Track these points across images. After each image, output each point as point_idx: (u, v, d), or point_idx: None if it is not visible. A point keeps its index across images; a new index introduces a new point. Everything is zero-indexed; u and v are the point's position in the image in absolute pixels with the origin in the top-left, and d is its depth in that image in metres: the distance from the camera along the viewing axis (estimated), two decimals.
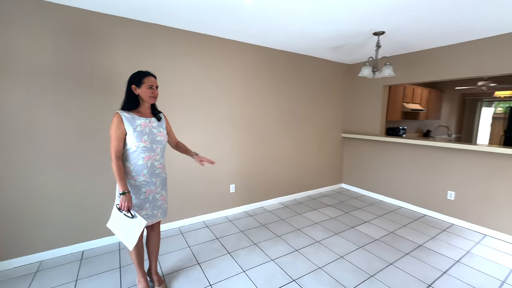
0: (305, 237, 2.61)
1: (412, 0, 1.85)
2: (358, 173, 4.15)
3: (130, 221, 1.46)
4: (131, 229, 1.46)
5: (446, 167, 3.05)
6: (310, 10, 2.05)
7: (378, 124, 3.81)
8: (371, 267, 2.12)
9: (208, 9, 2.07)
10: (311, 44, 3.04)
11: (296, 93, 3.57)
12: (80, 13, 2.09)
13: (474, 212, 2.83)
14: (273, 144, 3.45)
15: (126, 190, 1.45)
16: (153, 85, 1.59)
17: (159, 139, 1.63)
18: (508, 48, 2.49)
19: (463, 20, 2.21)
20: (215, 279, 1.95)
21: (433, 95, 5.64)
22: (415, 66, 3.26)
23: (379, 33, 2.54)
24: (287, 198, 3.73)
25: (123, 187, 1.45)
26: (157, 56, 2.46)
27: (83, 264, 2.11)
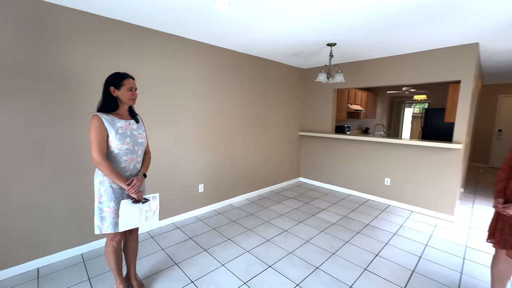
0: (274, 228, 2.84)
1: (356, 22, 2.23)
2: (313, 167, 4.61)
3: (146, 205, 1.55)
4: (149, 210, 1.56)
5: (382, 158, 3.67)
6: (276, 22, 2.26)
7: (330, 123, 4.32)
8: (332, 246, 2.47)
9: (183, 13, 2.09)
10: (273, 50, 3.29)
11: (258, 94, 3.79)
12: (45, 5, 1.87)
13: (404, 194, 3.50)
14: (237, 143, 3.59)
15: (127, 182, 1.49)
16: (133, 87, 1.57)
17: (141, 141, 1.62)
18: (419, 63, 3.16)
19: (393, 40, 2.73)
20: (196, 275, 2.01)
21: (370, 98, 6.57)
22: (359, 73, 3.81)
23: (332, 44, 2.93)
24: (253, 194, 3.93)
25: (122, 180, 1.47)
26: (125, 55, 2.35)
27: (41, 282, 1.91)
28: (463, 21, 2.19)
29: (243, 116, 3.62)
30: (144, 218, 1.57)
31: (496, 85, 6.03)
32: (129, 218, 1.51)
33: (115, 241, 1.58)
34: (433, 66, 3.10)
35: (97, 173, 1.50)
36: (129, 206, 1.51)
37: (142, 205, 1.56)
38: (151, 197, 1.61)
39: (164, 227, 2.84)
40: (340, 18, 2.18)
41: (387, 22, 2.24)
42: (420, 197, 3.35)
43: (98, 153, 1.41)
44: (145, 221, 1.58)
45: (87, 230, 2.31)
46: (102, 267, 2.09)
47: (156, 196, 1.62)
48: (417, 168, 3.34)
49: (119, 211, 1.47)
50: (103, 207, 1.48)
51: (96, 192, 1.49)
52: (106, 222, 1.49)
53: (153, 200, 1.61)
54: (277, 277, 2.00)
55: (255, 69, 3.66)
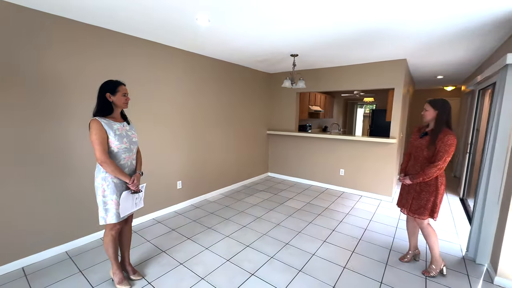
0: (248, 216, 3.22)
1: (314, 41, 2.71)
2: (280, 162, 5.11)
3: (138, 194, 1.82)
4: (138, 198, 1.86)
5: (338, 152, 4.31)
6: (248, 36, 2.62)
7: (293, 122, 4.84)
8: (298, 227, 2.94)
9: (167, 26, 2.32)
10: (245, 57, 3.64)
11: (230, 96, 4.11)
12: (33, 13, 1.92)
13: (355, 182, 4.17)
14: (211, 142, 3.87)
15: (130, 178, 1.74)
16: (126, 92, 1.78)
17: (135, 140, 1.84)
18: (364, 73, 3.84)
19: (344, 54, 3.31)
20: (184, 259, 2.28)
21: (328, 100, 7.35)
22: (318, 79, 4.39)
23: (295, 55, 3.40)
24: (227, 189, 4.24)
25: (127, 177, 1.70)
26: (106, 57, 2.46)
27: (30, 279, 1.98)
28: (394, 43, 2.82)
29: (217, 117, 3.90)
30: (134, 204, 1.84)
31: (426, 90, 7.29)
32: (126, 206, 1.75)
33: (114, 230, 1.78)
34: (374, 75, 3.79)
35: (99, 171, 1.69)
36: (128, 196, 1.74)
37: (134, 196, 1.81)
38: (143, 187, 1.87)
39: (145, 222, 3.01)
40: (301, 37, 2.63)
41: (338, 42, 2.77)
42: (367, 183, 4.04)
43: (102, 153, 1.61)
44: (136, 207, 1.86)
45: (70, 228, 2.40)
46: (91, 261, 2.22)
47: (144, 185, 1.91)
48: (364, 160, 4.03)
49: (120, 200, 1.69)
50: (107, 200, 1.68)
51: (98, 188, 1.68)
52: (110, 213, 1.69)
53: (142, 189, 1.89)
54: (255, 253, 2.38)
55: (228, 73, 3.97)
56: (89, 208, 2.48)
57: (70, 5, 1.95)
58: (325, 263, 2.24)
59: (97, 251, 2.37)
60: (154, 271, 2.10)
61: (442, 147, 1.84)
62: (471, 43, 2.77)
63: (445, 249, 2.50)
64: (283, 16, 2.09)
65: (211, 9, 2.00)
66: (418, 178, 1.93)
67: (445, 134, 1.86)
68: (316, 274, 2.08)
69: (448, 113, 1.91)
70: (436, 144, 1.87)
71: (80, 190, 2.42)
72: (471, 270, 2.18)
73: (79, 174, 2.40)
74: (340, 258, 2.33)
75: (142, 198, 1.90)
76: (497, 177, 2.13)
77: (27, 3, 1.93)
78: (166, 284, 1.94)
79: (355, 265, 2.22)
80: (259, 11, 2.00)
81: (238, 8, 1.96)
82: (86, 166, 2.42)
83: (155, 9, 2.01)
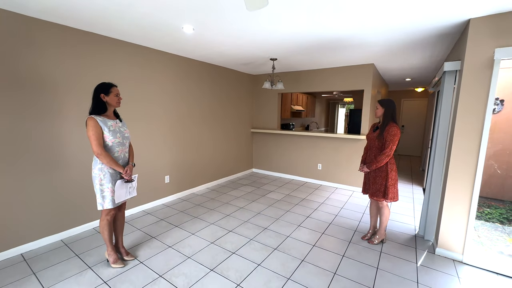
0: (232, 207, 3.50)
1: (290, 45, 3.03)
2: (263, 159, 5.42)
3: (131, 184, 2.05)
4: (131, 187, 2.07)
5: (317, 148, 4.67)
6: (231, 42, 2.90)
7: (276, 121, 5.17)
8: (277, 214, 3.26)
9: (156, 32, 2.56)
10: (229, 60, 3.92)
11: (216, 97, 4.37)
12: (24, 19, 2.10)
13: (331, 175, 4.55)
14: (198, 139, 4.13)
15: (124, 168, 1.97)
16: (118, 93, 2.02)
17: (127, 135, 2.08)
18: (338, 75, 4.22)
19: (319, 58, 3.66)
20: (172, 242, 2.53)
21: (309, 100, 7.75)
22: (297, 80, 4.73)
23: (274, 59, 3.71)
24: (212, 183, 4.51)
25: (120, 168, 1.94)
26: (100, 61, 2.67)
27: (30, 263, 2.18)
28: (362, 49, 3.18)
29: (203, 116, 4.16)
30: (128, 193, 2.07)
31: (399, 91, 7.85)
32: (121, 194, 1.99)
33: (109, 215, 2.01)
34: (346, 78, 4.18)
35: (95, 162, 1.92)
36: (122, 185, 1.98)
37: (127, 184, 2.04)
38: (135, 177, 2.11)
39: (135, 213, 3.22)
40: (279, 44, 2.95)
41: (313, 47, 3.10)
42: (342, 176, 4.43)
43: (98, 146, 1.84)
44: (129, 195, 2.08)
45: (66, 218, 2.59)
46: (86, 246, 2.43)
47: (136, 176, 2.15)
48: (339, 155, 4.41)
49: (115, 188, 1.93)
50: (104, 188, 1.91)
51: (96, 178, 1.91)
52: (107, 199, 1.93)
53: (134, 179, 2.13)
54: (236, 236, 2.67)
55: (213, 75, 4.23)
56: (82, 200, 2.68)
57: (69, 14, 2.15)
58: (298, 243, 2.56)
59: (91, 238, 2.58)
60: (145, 253, 2.35)
61: (388, 137, 2.21)
62: (424, 51, 3.19)
63: (402, 229, 2.90)
64: (255, 26, 2.39)
65: (193, 20, 2.26)
66: (372, 166, 2.30)
67: (390, 126, 2.23)
68: (289, 252, 2.40)
69: (393, 109, 2.28)
70: (384, 135, 2.24)
71: (73, 182, 2.61)
72: (419, 244, 2.58)
73: (72, 168, 2.59)
74: (311, 238, 2.66)
75: (135, 188, 2.14)
76: (439, 167, 2.54)
77: (26, 12, 2.12)
78: (157, 263, 2.20)
79: (323, 244, 2.56)
80: (233, 23, 2.29)
81: (216, 19, 2.24)
82: (79, 160, 2.62)
83: (146, 20, 2.25)
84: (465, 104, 2.15)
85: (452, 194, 2.27)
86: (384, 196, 2.35)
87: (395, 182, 2.35)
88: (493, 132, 3.55)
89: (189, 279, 1.99)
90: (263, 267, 2.16)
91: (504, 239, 2.79)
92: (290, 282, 1.97)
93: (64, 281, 1.95)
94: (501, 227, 3.10)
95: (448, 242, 2.34)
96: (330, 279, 2.02)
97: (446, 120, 2.46)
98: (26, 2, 1.93)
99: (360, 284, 1.97)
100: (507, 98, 3.61)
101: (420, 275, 2.09)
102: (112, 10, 2.08)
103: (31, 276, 2.00)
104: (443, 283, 2.00)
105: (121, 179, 1.99)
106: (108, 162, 1.88)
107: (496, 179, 3.55)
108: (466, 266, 2.23)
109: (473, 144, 2.14)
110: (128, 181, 2.03)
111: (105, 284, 1.92)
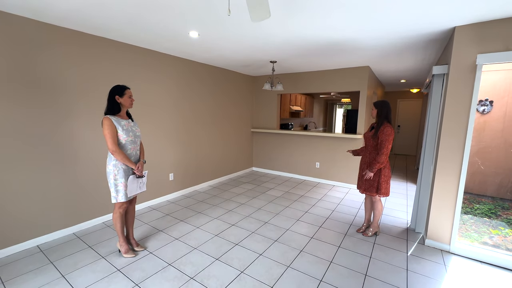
0: (234, 203, 3.66)
1: (290, 49, 3.20)
2: (263, 158, 5.58)
3: (142, 179, 2.19)
4: (141, 182, 2.21)
5: (315, 147, 4.84)
6: (233, 46, 3.06)
7: (275, 121, 5.33)
8: (277, 210, 3.42)
9: (164, 38, 2.71)
10: (230, 63, 4.08)
11: (218, 97, 4.53)
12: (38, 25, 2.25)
13: (328, 173, 4.72)
14: (201, 139, 4.28)
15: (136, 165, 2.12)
16: (131, 95, 2.17)
17: (138, 134, 2.23)
18: (335, 77, 4.39)
19: (317, 60, 3.82)
20: (179, 235, 2.69)
21: (308, 100, 7.92)
22: (295, 82, 4.90)
23: (273, 61, 3.88)
24: (214, 181, 4.66)
25: (133, 164, 2.08)
26: (113, 67, 2.82)
27: (47, 253, 2.32)
28: (357, 53, 3.35)
29: (205, 116, 4.31)
30: (139, 188, 2.22)
31: (395, 92, 8.04)
32: (132, 188, 2.14)
33: (122, 208, 2.17)
34: (342, 79, 4.35)
35: (110, 159, 2.07)
36: (134, 180, 2.13)
37: (138, 180, 2.20)
38: (145, 173, 2.27)
39: (142, 209, 3.37)
40: (279, 47, 3.11)
41: (311, 52, 3.27)
42: (339, 174, 4.60)
43: (113, 144, 2.00)
44: (140, 189, 2.24)
45: (78, 212, 2.74)
46: (98, 238, 2.59)
47: (146, 172, 2.30)
48: (337, 154, 4.59)
49: (128, 183, 2.08)
50: (118, 183, 2.07)
51: (110, 173, 2.06)
52: (120, 193, 2.08)
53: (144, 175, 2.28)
54: (239, 230, 2.83)
55: (215, 76, 4.39)
56: (93, 195, 2.83)
57: (88, 21, 2.31)
58: (297, 235, 2.73)
59: (102, 232, 2.73)
60: (154, 244, 2.50)
61: (383, 137, 2.38)
62: (416, 55, 3.37)
63: (395, 223, 3.08)
64: (255, 31, 2.55)
65: (198, 26, 2.42)
66: (375, 168, 2.43)
67: (384, 126, 2.40)
68: (288, 243, 2.57)
69: (387, 110, 2.45)
70: (378, 135, 2.41)
71: (85, 178, 2.76)
72: (410, 236, 2.75)
73: (84, 164, 2.74)
74: (309, 231, 2.83)
75: (145, 183, 2.30)
76: (428, 164, 2.71)
77: (46, 19, 2.27)
78: (165, 253, 2.35)
79: (320, 236, 2.73)
80: (236, 28, 2.45)
81: (219, 25, 2.40)
82: (90, 157, 2.77)
83: (154, 26, 2.41)
84: (451, 105, 2.32)
85: (440, 189, 2.45)
86: (377, 191, 2.52)
87: (388, 178, 2.52)
88: (482, 131, 3.74)
89: (196, 267, 2.15)
90: (265, 256, 2.32)
91: (490, 231, 2.97)
92: (289, 270, 2.13)
93: (80, 269, 2.10)
94: (489, 221, 3.29)
95: (437, 234, 2.51)
96: (326, 267, 2.18)
97: (435, 120, 2.63)
98: (44, 9, 2.09)
99: (354, 271, 2.14)
100: (495, 98, 3.80)
101: (410, 263, 2.26)
102: (123, 18, 2.24)
103: (49, 265, 2.15)
104: (430, 270, 2.17)
105: (133, 174, 2.15)
106: (122, 159, 2.03)
107: (481, 175, 3.73)
108: (453, 255, 2.40)
109: (459, 143, 2.31)
110: (139, 177, 2.18)
111: (118, 272, 2.07)
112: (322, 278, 2.03)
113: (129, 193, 2.11)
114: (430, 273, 2.12)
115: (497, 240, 2.68)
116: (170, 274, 2.05)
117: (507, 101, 3.52)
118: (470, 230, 3.08)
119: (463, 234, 2.84)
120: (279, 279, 2.01)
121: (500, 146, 3.59)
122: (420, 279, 2.04)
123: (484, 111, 3.95)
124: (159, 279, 1.99)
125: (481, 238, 2.82)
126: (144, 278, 2.00)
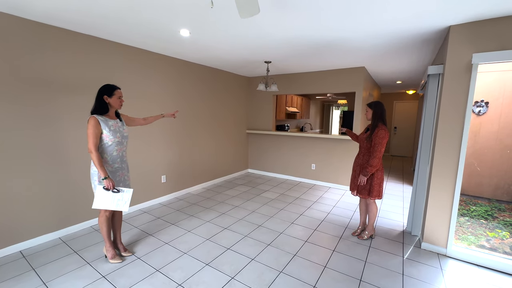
0: (228, 205, 3.58)
1: (285, 49, 3.15)
2: (258, 159, 5.52)
3: (118, 194, 1.96)
4: (121, 199, 1.97)
5: (311, 149, 4.79)
6: (226, 46, 3.01)
7: (271, 122, 5.27)
8: (271, 212, 3.35)
9: (155, 37, 2.65)
10: (225, 63, 4.02)
11: (212, 98, 4.46)
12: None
13: (324, 175, 4.67)
14: (195, 140, 4.21)
15: (107, 175, 1.93)
16: (121, 96, 2.09)
17: (126, 135, 2.15)
18: (330, 78, 4.35)
19: (311, 61, 3.78)
20: (169, 239, 2.60)
21: (304, 101, 7.88)
22: (290, 83, 4.85)
23: (268, 62, 3.83)
24: (208, 183, 4.58)
25: (104, 172, 1.91)
26: (101, 63, 2.74)
27: (29, 259, 2.23)
28: (353, 54, 3.31)
29: (200, 117, 4.24)
30: (115, 204, 1.95)
31: (391, 94, 8.04)
32: (102, 201, 1.93)
33: (108, 212, 2.08)
34: (338, 80, 4.31)
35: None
36: (104, 192, 1.93)
37: (114, 194, 1.95)
38: (125, 190, 1.99)
39: (132, 212, 3.28)
40: (273, 48, 3.06)
41: (306, 53, 3.22)
42: (335, 176, 4.55)
43: (93, 145, 1.91)
44: (116, 207, 1.95)
45: (63, 216, 2.64)
46: (84, 243, 2.49)
47: (130, 191, 1.99)
48: (332, 155, 4.53)
49: (95, 192, 1.95)
50: None
51: (94, 175, 1.97)
52: None
53: (126, 193, 1.99)
54: (231, 233, 2.75)
55: (209, 77, 4.33)
56: (79, 198, 2.74)
57: (80, 20, 2.23)
58: (291, 239, 2.66)
59: (88, 236, 2.64)
60: (142, 249, 2.42)
61: (376, 140, 2.33)
62: (411, 56, 3.34)
63: (391, 225, 3.02)
64: (248, 31, 2.50)
65: (189, 25, 2.36)
66: (368, 171, 2.38)
67: (379, 129, 2.34)
68: (282, 247, 2.50)
69: (381, 111, 2.40)
70: (372, 138, 2.35)
71: (71, 182, 2.67)
72: (406, 239, 2.70)
73: (70, 167, 2.65)
74: (303, 234, 2.76)
75: (127, 202, 1.98)
76: (424, 166, 2.67)
77: (32, 17, 2.20)
78: (154, 258, 2.27)
79: (315, 239, 2.66)
80: (228, 27, 2.40)
81: (211, 23, 2.34)
82: (76, 160, 2.68)
83: (145, 24, 2.34)
84: (447, 105, 2.28)
85: (436, 192, 2.40)
86: (369, 194, 2.46)
87: (381, 181, 2.47)
88: (478, 133, 3.71)
89: (185, 272, 2.07)
90: (257, 261, 2.25)
91: (486, 234, 2.92)
92: (282, 275, 2.06)
93: (64, 276, 2.01)
94: (485, 223, 3.25)
95: (433, 237, 2.46)
96: (320, 272, 2.11)
97: (430, 121, 2.59)
98: (29, 8, 2.01)
99: (349, 276, 2.07)
100: (491, 100, 3.78)
101: (406, 267, 2.20)
102: (113, 17, 2.17)
103: (30, 272, 2.05)
104: (427, 274, 2.11)
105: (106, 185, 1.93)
106: (95, 161, 1.90)
107: (477, 177, 3.70)
108: (449, 259, 2.35)
109: (455, 143, 2.27)
110: (107, 190, 1.92)
111: (103, 279, 1.99)
112: (315, 284, 1.96)
113: (95, 204, 1.93)
114: (426, 278, 2.06)
115: (494, 243, 2.63)
116: (157, 281, 1.96)
117: (502, 102, 3.49)
118: (467, 232, 3.04)
119: (460, 236, 2.80)
120: (271, 285, 1.94)
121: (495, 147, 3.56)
122: (416, 284, 1.98)
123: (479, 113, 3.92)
124: (146, 285, 1.91)
125: (478, 240, 2.78)
126: (130, 285, 1.92)
